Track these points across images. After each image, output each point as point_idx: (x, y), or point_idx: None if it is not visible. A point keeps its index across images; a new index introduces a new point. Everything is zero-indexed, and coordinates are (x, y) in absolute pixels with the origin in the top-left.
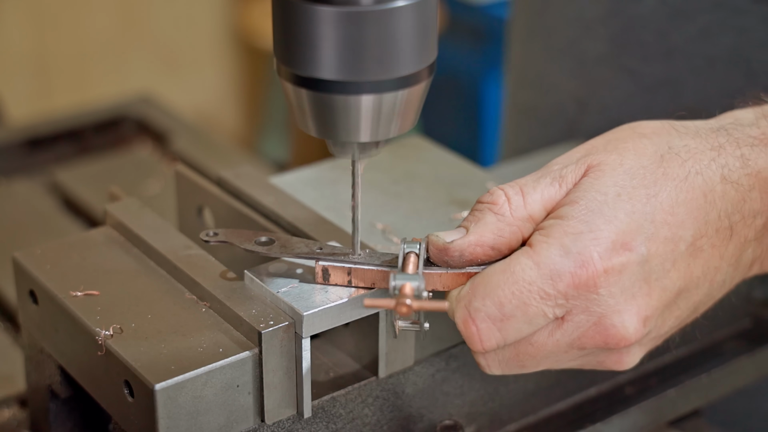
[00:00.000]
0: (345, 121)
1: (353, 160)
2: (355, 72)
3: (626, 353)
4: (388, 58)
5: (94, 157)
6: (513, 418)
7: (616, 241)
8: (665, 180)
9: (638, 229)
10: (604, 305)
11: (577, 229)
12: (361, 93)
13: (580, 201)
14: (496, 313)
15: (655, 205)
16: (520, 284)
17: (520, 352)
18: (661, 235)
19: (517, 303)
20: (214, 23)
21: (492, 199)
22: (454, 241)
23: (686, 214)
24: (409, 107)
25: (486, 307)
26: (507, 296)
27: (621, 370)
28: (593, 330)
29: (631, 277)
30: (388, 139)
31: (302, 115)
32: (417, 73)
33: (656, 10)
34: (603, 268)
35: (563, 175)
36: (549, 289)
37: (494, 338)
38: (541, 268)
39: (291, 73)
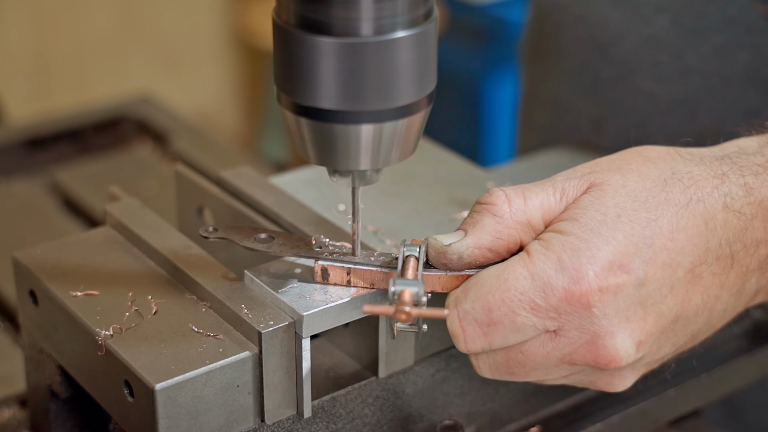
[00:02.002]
0: (345, 150)
1: (353, 187)
2: (355, 102)
3: (618, 376)
4: (389, 88)
5: (94, 157)
6: (513, 418)
7: (613, 261)
8: (666, 205)
9: (636, 252)
10: (597, 325)
11: (575, 245)
12: (361, 122)
13: (580, 218)
14: (483, 317)
15: (655, 229)
16: (511, 292)
17: (511, 359)
18: (659, 260)
19: (506, 311)
20: (214, 23)
21: (491, 200)
22: (452, 245)
23: (686, 241)
24: (409, 135)
25: (474, 310)
26: (497, 302)
27: (612, 392)
28: (585, 348)
29: (626, 299)
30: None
31: (302, 143)
32: (417, 102)
33: (669, 30)
34: (598, 286)
35: (565, 188)
36: (540, 302)
37: (479, 342)
38: (534, 279)
39: (291, 101)
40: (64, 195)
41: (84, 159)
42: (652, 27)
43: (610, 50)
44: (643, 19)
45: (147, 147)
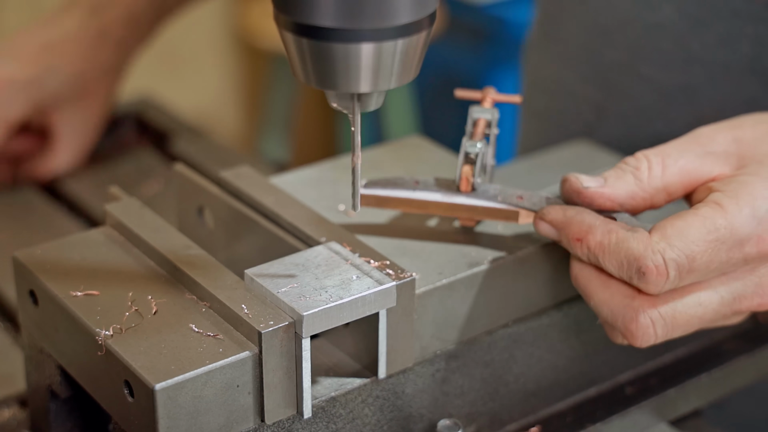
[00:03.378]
0: (345, 71)
1: (353, 112)
2: (354, 20)
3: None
4: (388, 5)
5: (94, 157)
6: (513, 418)
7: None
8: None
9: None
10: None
11: (764, 193)
12: (361, 41)
13: (760, 171)
14: (686, 265)
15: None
16: (713, 243)
17: (687, 324)
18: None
19: (707, 260)
20: (214, 23)
21: (636, 163)
22: (589, 188)
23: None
24: (409, 58)
25: (679, 258)
26: (700, 252)
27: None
28: (754, 291)
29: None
30: (388, 90)
31: (303, 66)
32: (417, 22)
33: (674, 18)
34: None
35: (712, 151)
36: (736, 252)
37: (673, 285)
38: (733, 230)
39: (289, 21)
40: (64, 195)
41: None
42: (658, 14)
43: (615, 36)
44: (649, 6)
45: (147, 147)
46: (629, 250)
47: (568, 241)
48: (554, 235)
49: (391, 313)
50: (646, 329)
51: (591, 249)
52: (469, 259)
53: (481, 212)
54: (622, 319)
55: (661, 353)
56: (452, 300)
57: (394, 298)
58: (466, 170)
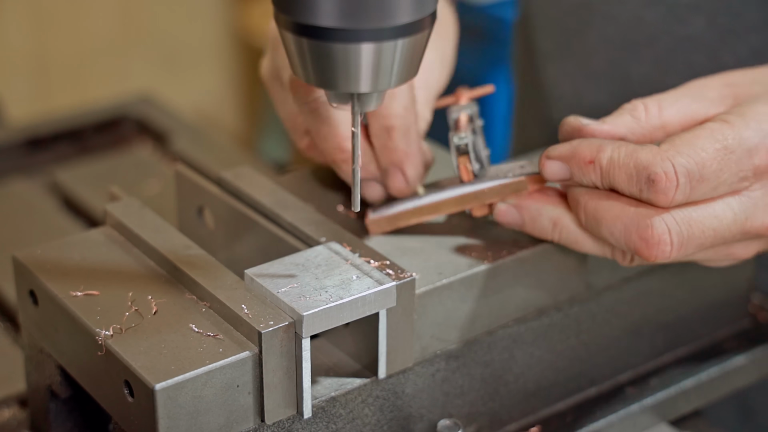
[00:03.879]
0: (345, 71)
1: (353, 113)
2: (354, 20)
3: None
4: (388, 5)
5: (94, 157)
6: (513, 418)
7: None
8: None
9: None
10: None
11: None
12: (361, 41)
13: (760, 99)
14: (696, 172)
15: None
16: (722, 151)
17: (702, 234)
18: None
19: (716, 168)
20: (214, 23)
21: (632, 106)
22: (589, 125)
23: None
24: (410, 57)
25: (689, 164)
26: (710, 159)
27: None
28: (763, 210)
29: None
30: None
31: (303, 65)
32: (417, 22)
33: (705, 30)
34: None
35: (706, 95)
36: (745, 162)
37: (684, 194)
38: (741, 140)
39: (290, 21)
40: (64, 195)
41: (84, 159)
42: (688, 27)
43: (643, 50)
44: (678, 19)
45: (147, 147)
46: (638, 160)
47: (579, 168)
48: (563, 172)
49: (391, 313)
50: (661, 235)
51: (603, 167)
52: (469, 259)
53: (490, 194)
54: (636, 229)
55: (661, 353)
56: (452, 300)
57: (394, 298)
58: (462, 160)
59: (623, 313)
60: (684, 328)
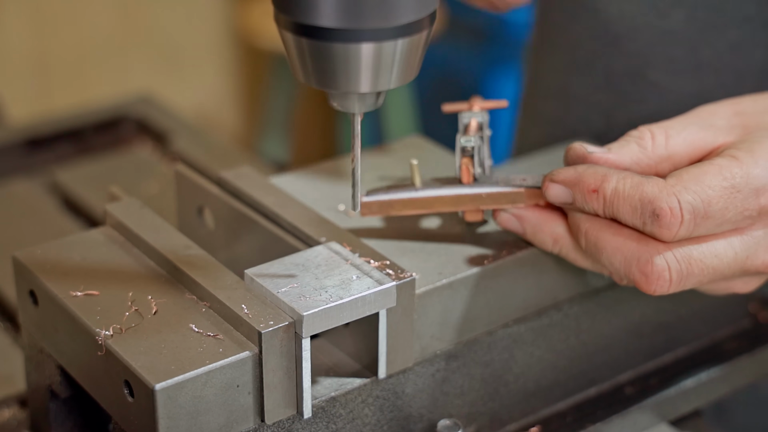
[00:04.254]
0: (345, 71)
1: (353, 113)
2: (354, 20)
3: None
4: (388, 5)
5: (94, 157)
6: (513, 418)
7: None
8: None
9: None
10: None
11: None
12: (361, 41)
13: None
14: (701, 210)
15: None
16: (729, 190)
17: (702, 273)
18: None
19: (721, 206)
20: (214, 23)
21: (639, 134)
22: (594, 153)
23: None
24: (410, 57)
25: (695, 202)
26: (716, 198)
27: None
28: (765, 249)
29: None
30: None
31: (303, 66)
32: (417, 22)
33: (686, 25)
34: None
35: (714, 123)
36: (751, 201)
37: (688, 231)
38: (749, 179)
39: (290, 21)
40: (64, 195)
41: (84, 159)
42: (669, 21)
43: (625, 43)
44: (659, 13)
45: (147, 147)
46: (644, 193)
47: (582, 195)
48: (566, 197)
49: (391, 313)
50: (661, 272)
51: (607, 197)
52: (469, 259)
53: (487, 199)
54: (636, 263)
55: (661, 353)
56: (452, 300)
57: (394, 298)
58: (465, 161)
59: (623, 313)
60: (684, 328)
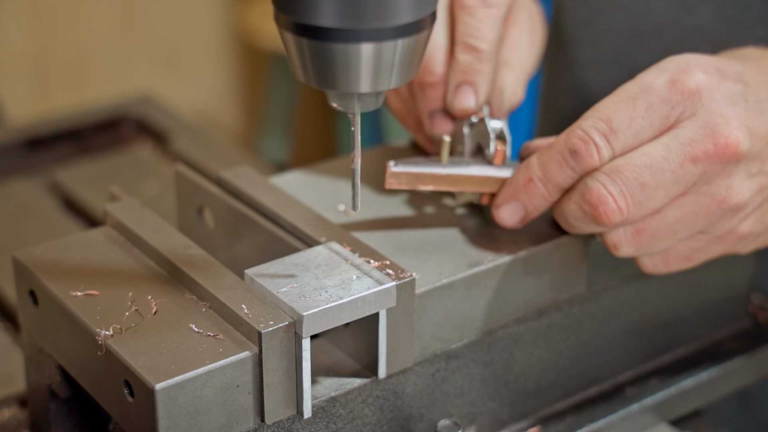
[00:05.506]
0: (345, 71)
1: (353, 113)
2: (354, 20)
3: (734, 175)
4: (388, 5)
5: (94, 157)
6: (513, 418)
7: (711, 63)
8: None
9: (731, 65)
10: (707, 107)
11: (675, 59)
12: (361, 41)
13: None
14: (604, 127)
15: (745, 69)
16: (625, 101)
17: (636, 174)
18: (752, 75)
19: (624, 116)
20: (214, 23)
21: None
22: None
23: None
24: (409, 57)
25: (594, 122)
26: (612, 110)
27: (732, 205)
28: (702, 134)
29: (731, 89)
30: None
31: (303, 65)
32: (417, 22)
33: (713, 21)
34: (702, 71)
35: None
36: (654, 99)
37: (607, 151)
38: (642, 85)
39: (290, 21)
40: (64, 195)
41: (84, 159)
42: (696, 17)
43: (651, 40)
44: (686, 9)
45: (147, 147)
46: (557, 144)
47: (525, 195)
48: (517, 212)
49: (391, 313)
50: (599, 192)
51: (539, 176)
52: (469, 259)
53: None
54: (582, 201)
55: (661, 353)
56: (452, 300)
57: (394, 298)
58: (500, 144)
59: (623, 313)
60: (684, 328)
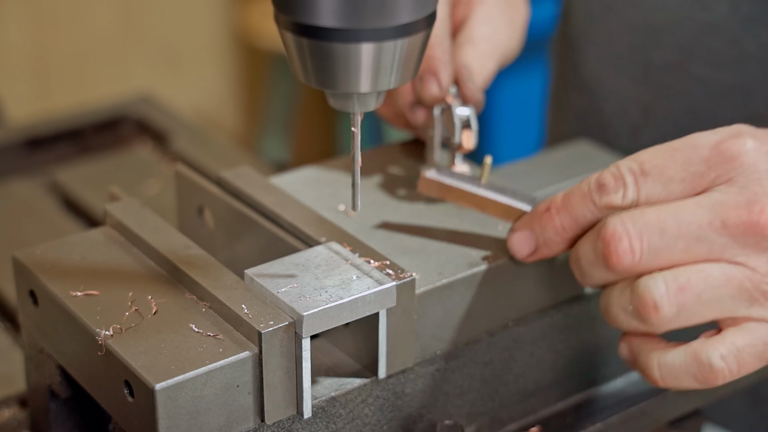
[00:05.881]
0: (345, 71)
1: (353, 113)
2: (354, 19)
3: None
4: (388, 5)
5: (94, 157)
6: (513, 418)
7: (766, 134)
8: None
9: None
10: (748, 176)
11: (731, 127)
12: (361, 41)
13: None
14: (636, 168)
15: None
16: (666, 149)
17: (659, 217)
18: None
19: (660, 163)
20: (214, 23)
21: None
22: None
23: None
24: (409, 58)
25: (631, 163)
26: (650, 155)
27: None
28: (736, 199)
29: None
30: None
31: (303, 65)
32: (417, 22)
33: (728, 17)
34: (753, 138)
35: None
36: (693, 155)
37: (633, 192)
38: (687, 140)
39: (290, 21)
40: (64, 195)
41: (84, 159)
42: (711, 13)
43: (665, 36)
44: (701, 5)
45: (147, 147)
46: (589, 178)
47: (540, 223)
48: (529, 241)
49: (391, 313)
50: (615, 232)
51: (559, 205)
52: (469, 259)
53: None
54: (597, 237)
55: None
56: (452, 300)
57: (394, 298)
58: (466, 132)
59: None
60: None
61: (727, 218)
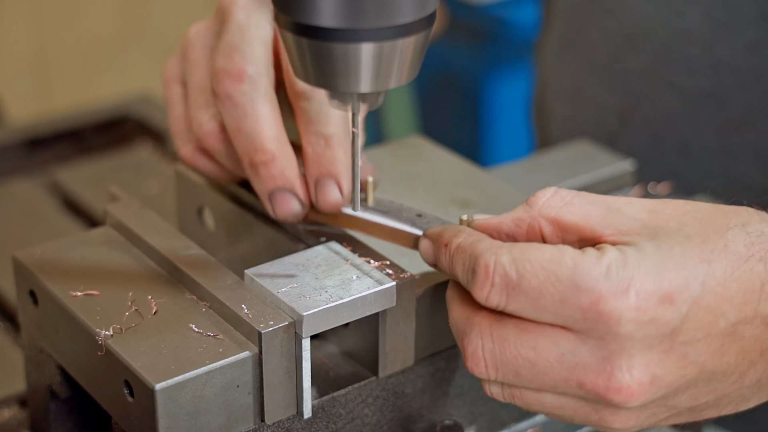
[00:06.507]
0: (345, 71)
1: (353, 113)
2: (354, 19)
3: (621, 413)
4: (388, 5)
5: (94, 157)
6: (513, 418)
7: (659, 289)
8: (725, 252)
9: (686, 287)
10: (619, 343)
11: (628, 261)
12: (361, 41)
13: (637, 243)
14: (513, 278)
15: (708, 271)
16: (548, 273)
17: (521, 354)
18: (704, 302)
19: (536, 285)
20: None
21: (537, 193)
22: (476, 221)
23: (737, 293)
24: (409, 57)
25: (509, 267)
26: (531, 273)
27: (610, 429)
28: (598, 365)
29: (658, 329)
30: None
31: (303, 65)
32: (417, 22)
33: (702, 24)
34: (639, 299)
35: (621, 209)
36: (571, 297)
37: (496, 298)
38: (575, 272)
39: (290, 21)
40: (64, 195)
41: (84, 159)
42: (685, 20)
43: (640, 43)
44: (675, 12)
45: (147, 147)
46: (474, 249)
47: (438, 249)
48: (431, 255)
49: (391, 313)
50: (474, 349)
51: (451, 251)
52: None
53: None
54: (460, 334)
55: None
56: None
57: (394, 298)
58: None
59: None
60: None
61: (584, 381)
